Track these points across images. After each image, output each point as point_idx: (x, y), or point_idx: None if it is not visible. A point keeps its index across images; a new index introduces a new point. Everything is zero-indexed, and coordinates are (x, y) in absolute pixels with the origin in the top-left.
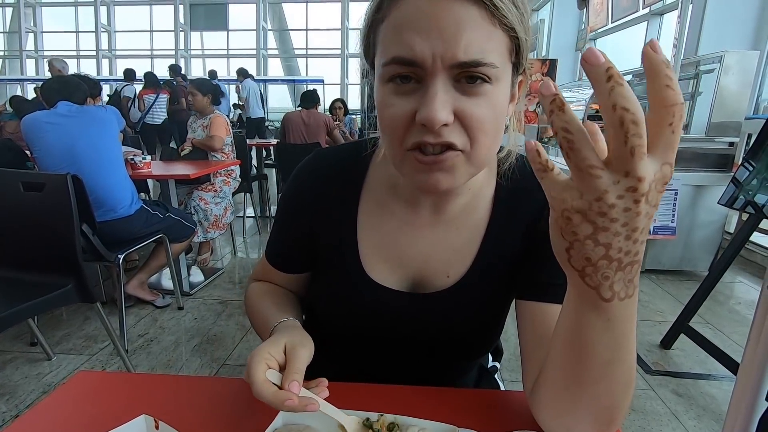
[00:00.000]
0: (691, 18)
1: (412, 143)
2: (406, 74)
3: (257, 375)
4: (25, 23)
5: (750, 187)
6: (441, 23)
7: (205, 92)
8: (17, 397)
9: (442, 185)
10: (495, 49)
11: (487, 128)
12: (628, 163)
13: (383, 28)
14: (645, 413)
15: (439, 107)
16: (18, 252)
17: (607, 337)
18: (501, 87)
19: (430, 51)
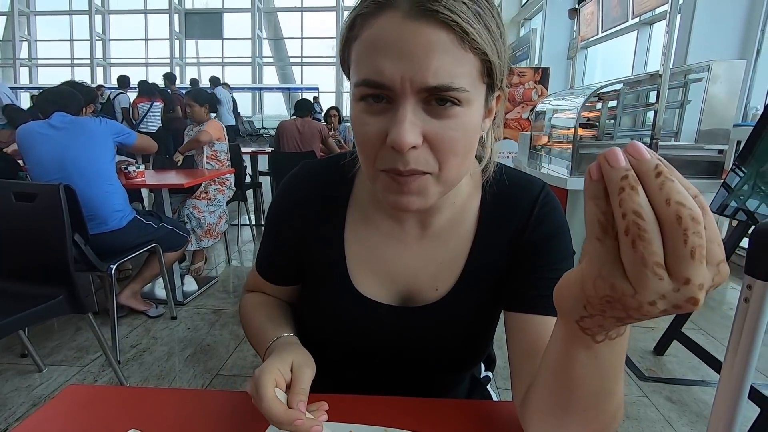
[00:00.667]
0: (680, 28)
1: (384, 167)
2: (377, 95)
3: (267, 392)
4: (19, 32)
5: (741, 193)
6: (410, 47)
7: (202, 102)
8: (6, 410)
9: (413, 206)
10: (465, 73)
11: (458, 150)
12: (688, 267)
13: (356, 46)
14: (639, 420)
15: (408, 130)
16: (9, 263)
17: (595, 370)
18: (472, 109)
19: (399, 74)
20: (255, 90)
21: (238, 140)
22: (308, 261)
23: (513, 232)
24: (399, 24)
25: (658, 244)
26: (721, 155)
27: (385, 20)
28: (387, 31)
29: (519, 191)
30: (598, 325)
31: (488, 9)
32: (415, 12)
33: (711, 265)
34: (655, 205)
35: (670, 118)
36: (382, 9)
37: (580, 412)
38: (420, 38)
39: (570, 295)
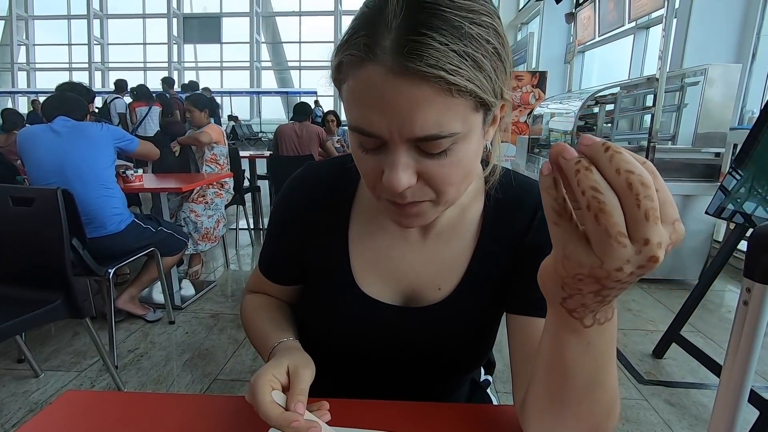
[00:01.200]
0: (676, 32)
1: (384, 197)
2: (369, 141)
3: (264, 396)
4: (17, 36)
5: (738, 196)
6: (394, 103)
7: (201, 108)
8: (3, 415)
9: (414, 225)
10: (455, 117)
11: (455, 180)
12: (644, 229)
13: (344, 89)
14: (638, 423)
15: (401, 175)
16: (6, 267)
17: (587, 359)
18: (468, 141)
19: (387, 127)
20: (253, 94)
21: (237, 144)
22: (312, 260)
23: (516, 234)
24: (382, 79)
25: (619, 214)
26: (718, 158)
27: (369, 74)
28: (371, 86)
29: (522, 194)
30: (580, 304)
31: (482, 42)
32: (398, 70)
33: (666, 224)
34: (608, 178)
35: (667, 122)
36: (365, 62)
37: (575, 405)
38: (403, 95)
39: (549, 279)
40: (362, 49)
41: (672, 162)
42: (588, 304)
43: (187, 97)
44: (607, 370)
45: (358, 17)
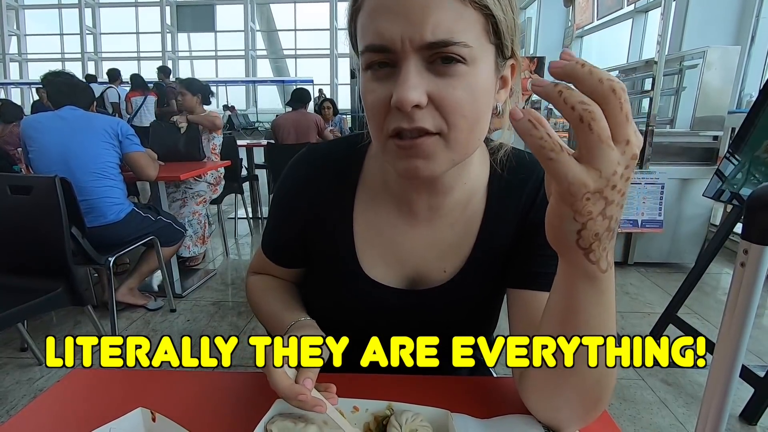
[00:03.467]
0: (675, 15)
1: (391, 129)
2: (382, 61)
3: (276, 365)
4: (8, 26)
5: (735, 181)
6: (407, 6)
7: (194, 92)
8: (8, 402)
9: (422, 171)
10: (467, 28)
11: (465, 111)
12: (626, 129)
13: (360, 17)
14: (635, 402)
15: (411, 89)
16: (7, 256)
17: (599, 309)
18: (479, 68)
19: (398, 34)
20: (249, 83)
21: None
22: (315, 243)
23: (520, 212)
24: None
25: (605, 119)
26: (716, 141)
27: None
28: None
29: (526, 172)
30: (593, 235)
31: None
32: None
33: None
34: (591, 88)
35: (666, 106)
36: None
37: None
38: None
39: (559, 221)
40: None
41: (670, 145)
42: (600, 234)
43: (181, 80)
44: (613, 320)
45: None
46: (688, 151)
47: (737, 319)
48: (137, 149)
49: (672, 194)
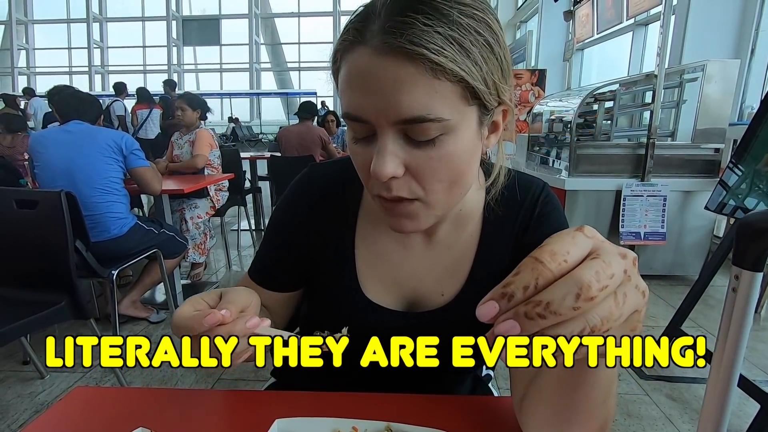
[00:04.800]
0: (674, 28)
1: (373, 193)
2: (361, 129)
3: (181, 308)
4: (17, 40)
5: (739, 191)
6: (380, 83)
7: (195, 107)
8: (10, 416)
9: (407, 229)
10: (442, 102)
11: (442, 176)
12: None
13: (340, 78)
14: (640, 418)
15: (386, 163)
16: (11, 269)
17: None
18: (459, 134)
19: (373, 109)
20: (253, 95)
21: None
22: (316, 262)
23: (516, 234)
24: (368, 60)
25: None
26: (718, 154)
27: (357, 56)
28: (359, 68)
29: (520, 193)
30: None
31: (470, 30)
32: (382, 49)
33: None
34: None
35: (666, 118)
36: (355, 45)
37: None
38: (388, 73)
39: None
40: (352, 33)
41: (672, 158)
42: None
43: (180, 96)
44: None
45: (355, 11)
46: (689, 163)
47: (730, 343)
48: (143, 164)
49: (674, 206)
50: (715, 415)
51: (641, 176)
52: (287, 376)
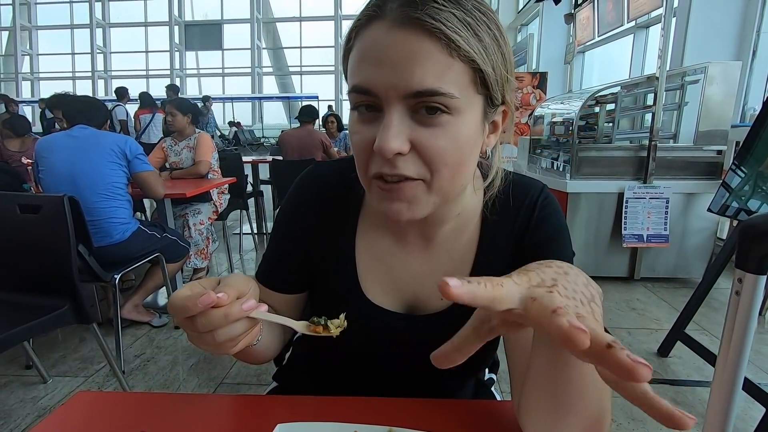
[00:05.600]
0: (675, 30)
1: (374, 173)
2: (368, 103)
3: (177, 291)
4: (21, 46)
5: (742, 193)
6: (395, 55)
7: (185, 111)
8: (12, 421)
9: (404, 215)
10: (453, 80)
11: (448, 159)
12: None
13: (351, 56)
14: (644, 422)
15: (392, 136)
16: (14, 274)
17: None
18: (465, 119)
19: (384, 81)
20: (255, 99)
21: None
22: (318, 263)
23: (515, 236)
24: (385, 33)
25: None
26: (720, 156)
27: (374, 30)
28: (375, 41)
29: (519, 195)
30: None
31: (483, 21)
32: (400, 21)
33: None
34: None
35: (668, 120)
36: (372, 20)
37: (576, 401)
38: (404, 46)
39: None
40: (372, 8)
41: (674, 160)
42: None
43: (171, 100)
44: None
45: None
46: (692, 165)
47: (734, 346)
48: (147, 168)
49: (677, 208)
50: (719, 419)
51: (643, 178)
52: (289, 381)
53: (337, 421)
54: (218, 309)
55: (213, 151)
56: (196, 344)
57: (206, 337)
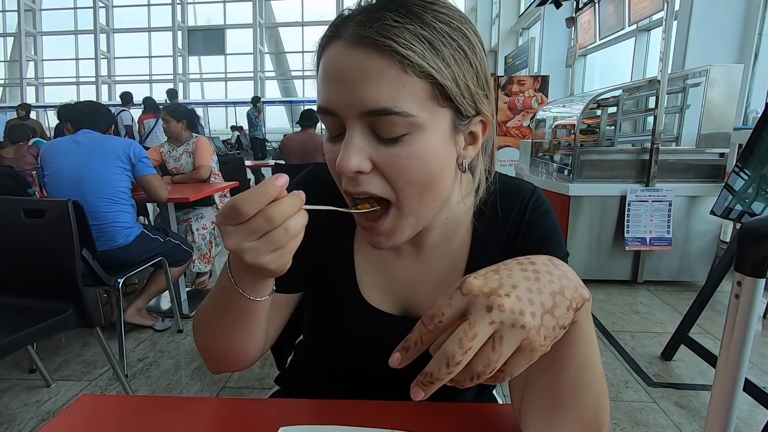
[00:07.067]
0: (677, 34)
1: (342, 189)
2: (333, 123)
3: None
4: (26, 52)
5: (746, 196)
6: (348, 74)
7: (179, 117)
8: (15, 425)
9: (384, 245)
10: (409, 97)
11: (410, 177)
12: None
13: (317, 78)
14: (648, 426)
15: (352, 155)
16: (18, 278)
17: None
18: (428, 134)
19: (341, 100)
20: None
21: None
22: (317, 265)
23: (507, 240)
24: (340, 53)
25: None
26: (723, 158)
27: (332, 51)
28: (333, 61)
29: (510, 198)
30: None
31: (443, 33)
32: (353, 40)
33: None
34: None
35: (670, 123)
36: (331, 40)
37: (570, 394)
38: (357, 65)
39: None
40: (331, 29)
41: (676, 163)
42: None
43: (164, 107)
44: (594, 351)
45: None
46: (694, 168)
47: (734, 349)
48: (150, 172)
49: (680, 211)
50: (720, 421)
51: (646, 181)
52: (291, 384)
53: (339, 424)
54: (284, 199)
55: (212, 155)
56: (256, 258)
57: (277, 234)
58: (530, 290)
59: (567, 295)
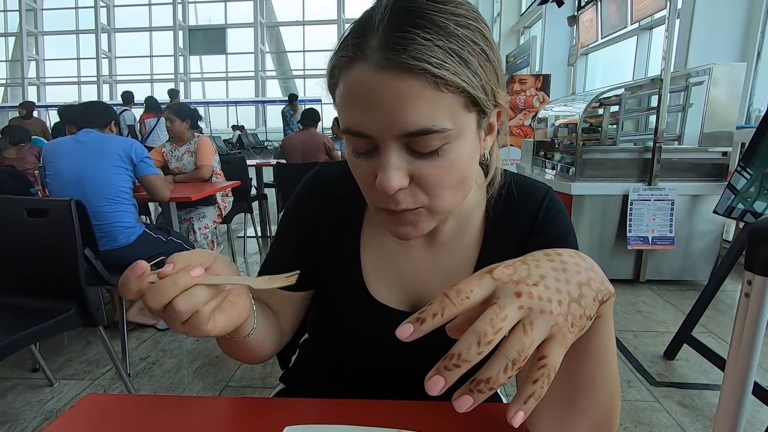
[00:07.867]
0: (679, 32)
1: (379, 206)
2: (363, 142)
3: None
4: (27, 51)
5: (748, 195)
6: (384, 99)
7: (183, 117)
8: (19, 424)
9: (411, 236)
10: (445, 113)
11: (447, 183)
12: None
13: (338, 93)
14: (651, 426)
15: (393, 175)
16: (21, 277)
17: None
18: (461, 142)
19: (376, 123)
20: (258, 103)
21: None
22: (324, 262)
23: (519, 237)
24: (370, 76)
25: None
26: (725, 157)
27: (358, 72)
28: (361, 83)
29: (524, 197)
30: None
31: (467, 39)
32: (384, 64)
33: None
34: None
35: (673, 122)
36: (354, 61)
37: (583, 395)
38: (391, 89)
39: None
40: (351, 49)
41: (679, 162)
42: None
43: (167, 107)
44: (611, 354)
45: (349, 26)
46: (697, 167)
47: (744, 349)
48: (152, 172)
49: (682, 210)
50: (729, 423)
51: (648, 180)
52: (295, 383)
53: (345, 423)
54: (166, 278)
55: (214, 154)
56: (172, 327)
57: (168, 312)
58: (558, 280)
59: (593, 287)
